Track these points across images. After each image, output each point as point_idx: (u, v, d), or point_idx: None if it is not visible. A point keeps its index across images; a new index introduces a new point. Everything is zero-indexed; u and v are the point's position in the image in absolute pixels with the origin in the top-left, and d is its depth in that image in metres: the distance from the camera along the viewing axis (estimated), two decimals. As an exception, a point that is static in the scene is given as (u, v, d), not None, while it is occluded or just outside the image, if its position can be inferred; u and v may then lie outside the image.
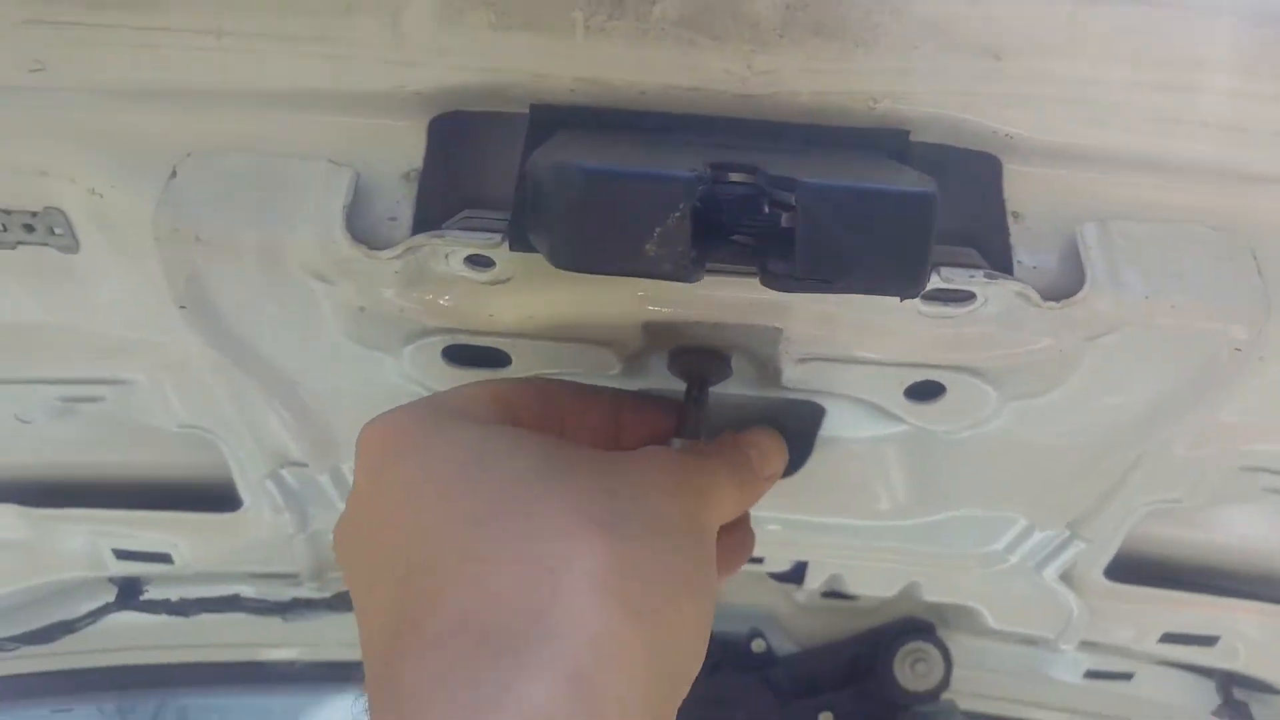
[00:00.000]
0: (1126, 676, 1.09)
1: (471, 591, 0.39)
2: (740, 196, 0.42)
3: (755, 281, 0.53)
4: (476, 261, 0.52)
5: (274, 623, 0.92)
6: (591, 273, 0.41)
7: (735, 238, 0.43)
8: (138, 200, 0.54)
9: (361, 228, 0.52)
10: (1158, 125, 0.53)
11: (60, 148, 0.55)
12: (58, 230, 0.59)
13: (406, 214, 0.53)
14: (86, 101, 0.53)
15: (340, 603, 0.89)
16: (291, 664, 1.05)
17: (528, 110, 0.53)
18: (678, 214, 0.39)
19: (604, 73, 0.51)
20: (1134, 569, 0.86)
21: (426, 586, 0.40)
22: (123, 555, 0.89)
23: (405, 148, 0.54)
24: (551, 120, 0.52)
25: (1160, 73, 0.51)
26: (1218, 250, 0.55)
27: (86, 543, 0.88)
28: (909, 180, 0.43)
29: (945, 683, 1.05)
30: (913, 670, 1.05)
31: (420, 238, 0.50)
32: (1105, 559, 0.82)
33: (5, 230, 0.59)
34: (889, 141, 0.53)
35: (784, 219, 0.40)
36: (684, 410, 0.57)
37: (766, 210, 0.41)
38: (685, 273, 0.40)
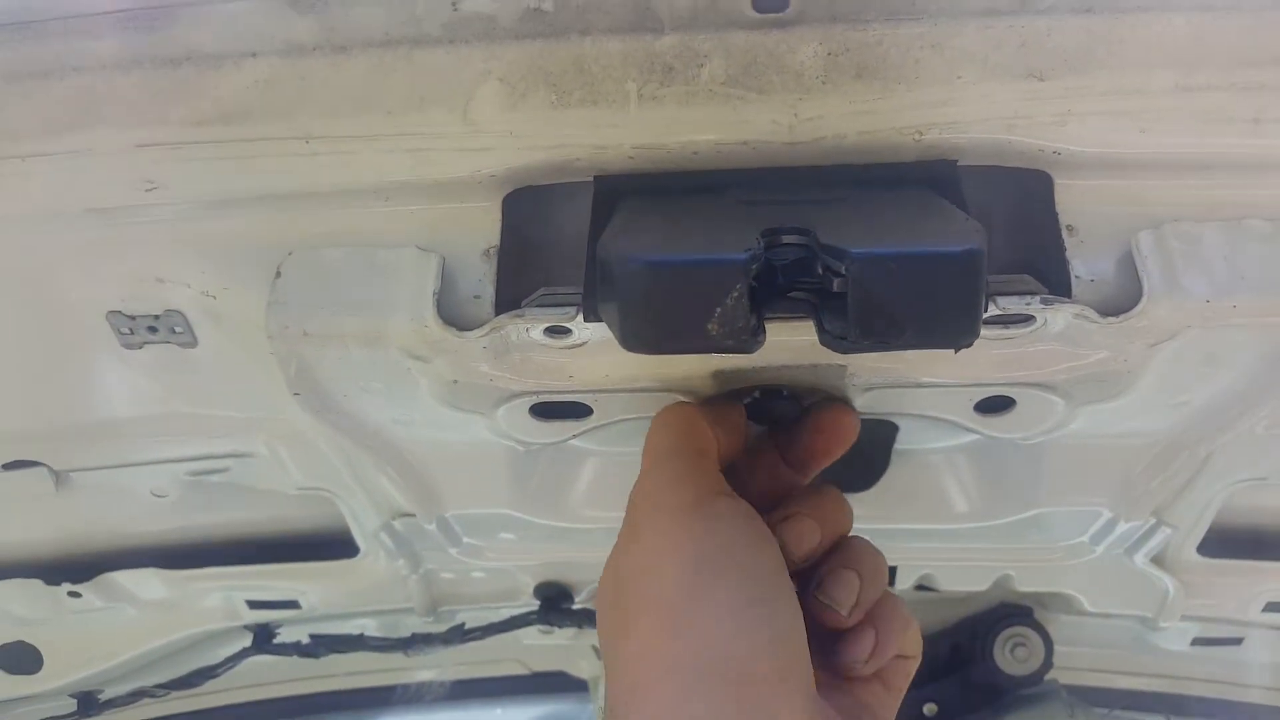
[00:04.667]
0: (1236, 641, 1.07)
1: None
2: (795, 260, 0.44)
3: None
4: (555, 332, 0.55)
5: (395, 657, 0.99)
6: (659, 354, 0.44)
7: (793, 294, 0.46)
8: (248, 301, 0.59)
9: (450, 308, 0.57)
10: (1205, 126, 0.53)
11: (174, 257, 0.61)
12: (178, 330, 0.65)
13: (489, 291, 0.57)
14: (195, 212, 0.59)
15: (455, 635, 0.95)
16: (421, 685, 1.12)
17: (592, 180, 0.56)
18: (735, 294, 0.42)
19: (659, 138, 0.54)
20: (1231, 543, 0.85)
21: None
22: (255, 605, 0.96)
23: (484, 227, 0.58)
24: (614, 189, 0.55)
25: (1204, 74, 0.51)
26: (1278, 242, 0.54)
27: (222, 597, 0.96)
28: (958, 231, 0.44)
29: (1047, 664, 1.05)
30: (1013, 655, 1.06)
31: (503, 318, 0.54)
32: (1197, 538, 0.82)
33: (132, 333, 0.65)
34: (938, 171, 0.54)
35: (835, 284, 0.42)
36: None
37: (820, 271, 0.44)
38: (746, 345, 0.43)
